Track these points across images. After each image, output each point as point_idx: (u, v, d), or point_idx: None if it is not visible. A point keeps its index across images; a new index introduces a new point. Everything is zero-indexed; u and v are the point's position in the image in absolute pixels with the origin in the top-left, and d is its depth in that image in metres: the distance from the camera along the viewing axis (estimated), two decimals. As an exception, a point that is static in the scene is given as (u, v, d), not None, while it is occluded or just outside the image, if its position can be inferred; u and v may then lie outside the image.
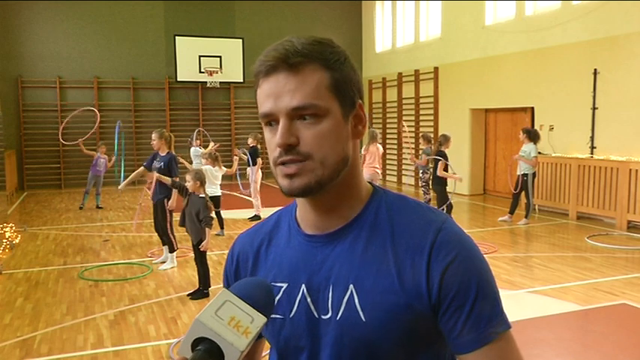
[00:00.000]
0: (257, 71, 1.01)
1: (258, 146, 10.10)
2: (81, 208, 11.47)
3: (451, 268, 0.96)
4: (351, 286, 1.00)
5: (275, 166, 1.00)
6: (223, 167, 8.95)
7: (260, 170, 10.02)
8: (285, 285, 1.07)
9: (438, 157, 8.56)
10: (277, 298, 1.06)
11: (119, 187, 8.11)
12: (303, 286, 1.05)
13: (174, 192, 6.84)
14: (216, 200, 8.46)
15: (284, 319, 1.06)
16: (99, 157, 11.36)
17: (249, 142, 10.16)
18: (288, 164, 0.98)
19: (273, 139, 1.00)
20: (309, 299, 1.04)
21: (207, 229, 5.79)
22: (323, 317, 1.02)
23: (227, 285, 1.19)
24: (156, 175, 6.74)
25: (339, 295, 1.01)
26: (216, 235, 8.65)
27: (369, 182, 1.11)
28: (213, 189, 8.37)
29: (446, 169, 8.57)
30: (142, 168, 7.47)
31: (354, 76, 1.03)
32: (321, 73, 0.98)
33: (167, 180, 6.63)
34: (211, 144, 11.57)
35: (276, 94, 0.98)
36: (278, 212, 1.18)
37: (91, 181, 11.45)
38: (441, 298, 0.96)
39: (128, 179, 7.56)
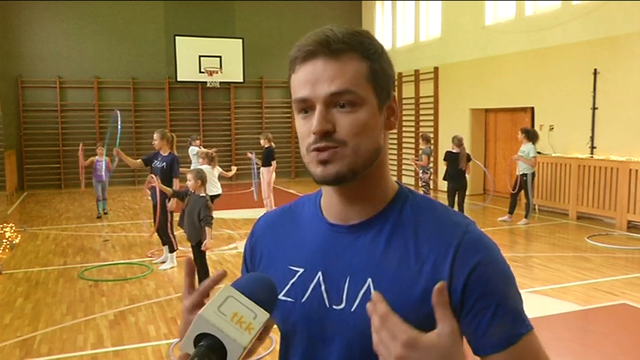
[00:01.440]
0: (294, 57, 1.00)
1: (273, 145, 10.08)
2: (99, 217, 10.56)
3: (477, 271, 0.96)
4: (369, 279, 1.00)
5: (308, 153, 1.00)
6: (218, 167, 8.94)
7: (274, 172, 9.99)
8: (301, 270, 1.08)
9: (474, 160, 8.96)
10: (292, 281, 1.08)
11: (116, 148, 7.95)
12: (320, 273, 1.05)
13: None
14: (213, 199, 8.48)
15: (294, 303, 1.07)
16: (97, 161, 10.41)
17: (262, 144, 10.13)
18: (322, 151, 0.98)
19: (306, 126, 0.99)
20: (323, 287, 1.04)
21: (207, 228, 5.77)
22: (335, 307, 1.03)
23: (243, 260, 1.22)
24: (158, 185, 6.68)
25: (356, 287, 1.01)
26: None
27: (396, 182, 1.11)
28: (213, 188, 8.39)
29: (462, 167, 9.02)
30: (139, 160, 7.41)
31: (390, 69, 1.04)
32: (359, 62, 0.98)
33: (168, 191, 6.58)
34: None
35: (313, 80, 0.97)
36: (304, 198, 1.19)
37: (97, 188, 10.55)
38: (465, 299, 0.96)
39: (126, 158, 7.50)
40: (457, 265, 0.97)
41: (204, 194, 5.91)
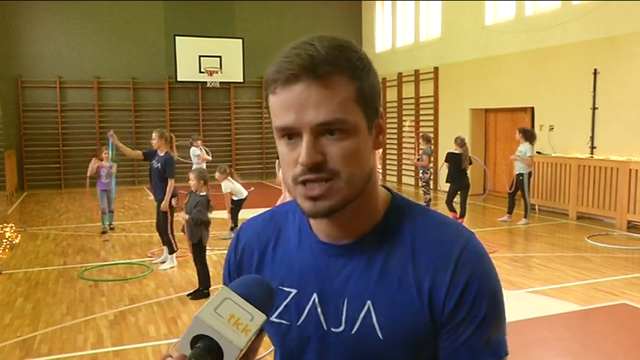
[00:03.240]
0: (274, 78, 0.90)
1: None
2: (104, 232, 9.09)
3: (469, 292, 0.95)
4: (369, 301, 0.97)
5: (295, 185, 0.92)
6: (239, 179, 9.05)
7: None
8: (294, 291, 1.03)
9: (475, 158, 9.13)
10: (285, 303, 1.03)
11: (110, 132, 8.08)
12: (315, 295, 1.01)
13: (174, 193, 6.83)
14: (241, 202, 8.68)
15: (290, 325, 1.03)
16: (101, 168, 8.94)
17: None
18: (310, 184, 0.91)
19: (291, 155, 0.91)
20: (319, 309, 1.00)
21: (189, 216, 5.73)
22: (333, 330, 0.99)
23: (227, 273, 1.15)
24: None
25: (355, 310, 0.98)
26: (226, 237, 8.67)
27: (385, 187, 1.05)
28: (241, 193, 8.66)
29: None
30: (140, 152, 7.51)
31: (377, 82, 0.97)
32: (348, 84, 0.90)
33: (165, 207, 6.72)
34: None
35: (298, 106, 0.88)
36: (286, 206, 1.12)
37: (101, 199, 9.07)
38: (453, 314, 0.95)
39: (122, 145, 7.61)
40: (453, 285, 0.95)
41: (204, 193, 5.91)
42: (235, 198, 8.64)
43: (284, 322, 1.03)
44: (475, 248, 0.98)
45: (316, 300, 1.01)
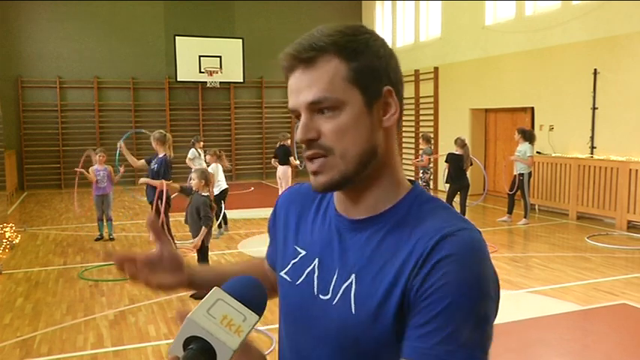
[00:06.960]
0: (282, 68, 1.02)
1: (285, 144, 10.20)
2: (99, 239, 8.59)
3: (434, 276, 0.89)
4: (353, 275, 1.00)
5: (306, 162, 1.02)
6: (228, 165, 9.08)
7: (290, 169, 10.17)
8: (304, 252, 1.10)
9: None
10: (294, 261, 1.11)
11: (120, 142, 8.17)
12: (317, 260, 1.07)
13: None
14: (223, 194, 8.68)
15: (291, 283, 1.10)
16: (97, 170, 8.47)
17: (283, 143, 10.24)
18: (312, 161, 1.00)
19: None
20: (316, 274, 1.06)
21: (203, 227, 5.75)
22: (321, 297, 1.03)
23: (270, 235, 1.26)
24: (164, 186, 6.75)
25: (341, 282, 1.01)
26: (218, 234, 8.68)
27: (410, 180, 1.08)
28: (219, 183, 8.60)
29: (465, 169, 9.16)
30: (142, 161, 7.62)
31: (379, 63, 0.99)
32: (335, 64, 0.97)
33: (175, 188, 6.71)
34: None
35: (296, 90, 0.99)
36: None
37: (97, 204, 8.56)
38: (418, 296, 0.91)
39: (130, 156, 7.67)
40: (422, 263, 0.91)
41: (206, 193, 5.91)
42: (216, 190, 8.43)
43: (288, 278, 1.11)
44: (460, 240, 0.92)
45: (316, 265, 1.07)
